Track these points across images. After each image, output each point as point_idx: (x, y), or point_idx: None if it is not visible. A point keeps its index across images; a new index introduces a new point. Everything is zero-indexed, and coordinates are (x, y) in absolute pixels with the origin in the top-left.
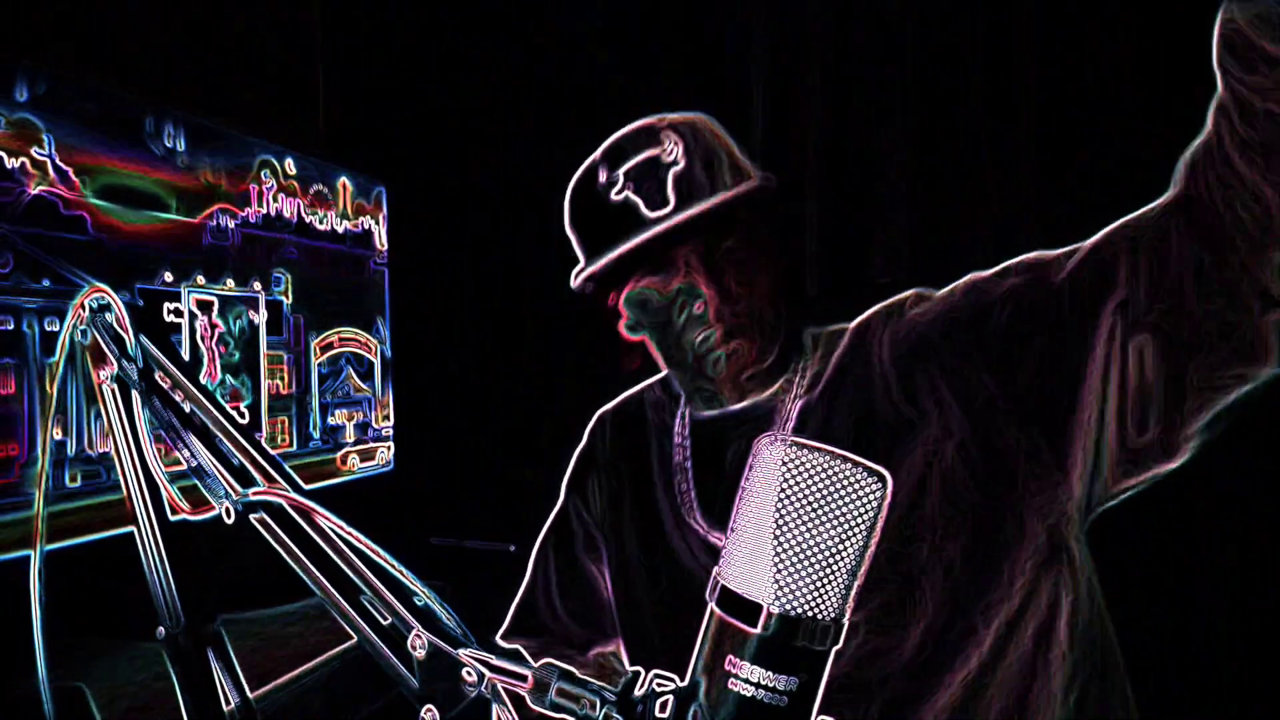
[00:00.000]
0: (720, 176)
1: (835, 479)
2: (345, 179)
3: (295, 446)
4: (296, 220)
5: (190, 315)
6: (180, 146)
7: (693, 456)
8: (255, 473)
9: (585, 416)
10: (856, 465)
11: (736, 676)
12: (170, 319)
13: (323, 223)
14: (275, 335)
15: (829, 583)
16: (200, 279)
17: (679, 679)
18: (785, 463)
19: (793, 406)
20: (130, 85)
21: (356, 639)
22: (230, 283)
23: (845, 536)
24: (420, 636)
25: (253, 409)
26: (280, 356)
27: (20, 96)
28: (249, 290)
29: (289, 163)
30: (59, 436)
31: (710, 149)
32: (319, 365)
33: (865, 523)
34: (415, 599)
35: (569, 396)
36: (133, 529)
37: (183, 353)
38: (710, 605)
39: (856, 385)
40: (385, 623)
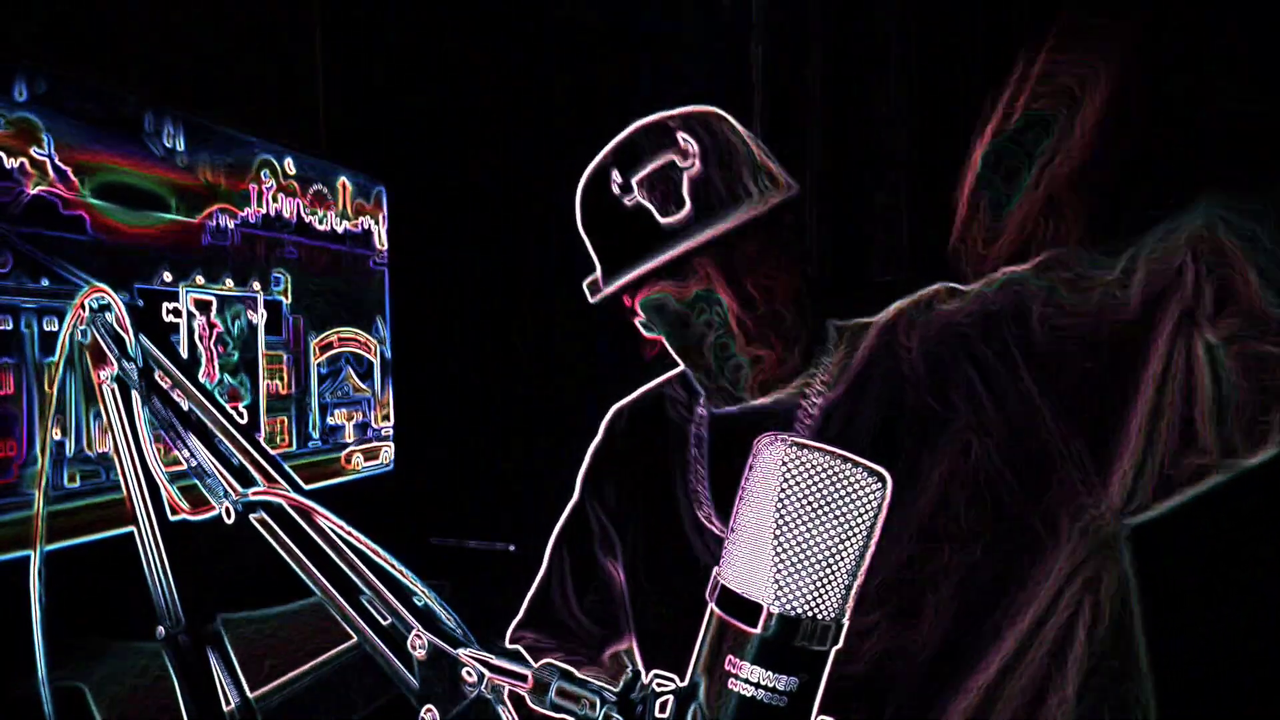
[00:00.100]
0: (738, 179)
1: (835, 479)
2: (345, 179)
3: (295, 447)
4: (296, 220)
5: (188, 315)
6: (180, 146)
7: (711, 455)
8: (255, 473)
9: (585, 416)
10: (856, 465)
11: (736, 677)
12: (168, 319)
13: (322, 222)
14: (274, 335)
15: (829, 583)
16: (199, 279)
17: (679, 679)
18: (785, 463)
19: (816, 403)
20: (130, 85)
21: (356, 639)
22: (229, 282)
23: (845, 536)
24: (420, 636)
25: (251, 409)
26: (279, 356)
27: (20, 96)
28: (247, 290)
29: (289, 162)
30: (58, 436)
31: (727, 150)
32: (318, 365)
33: (865, 523)
34: (415, 599)
35: (569, 396)
36: (132, 529)
37: (180, 353)
38: (710, 605)
39: (884, 381)
40: (385, 623)
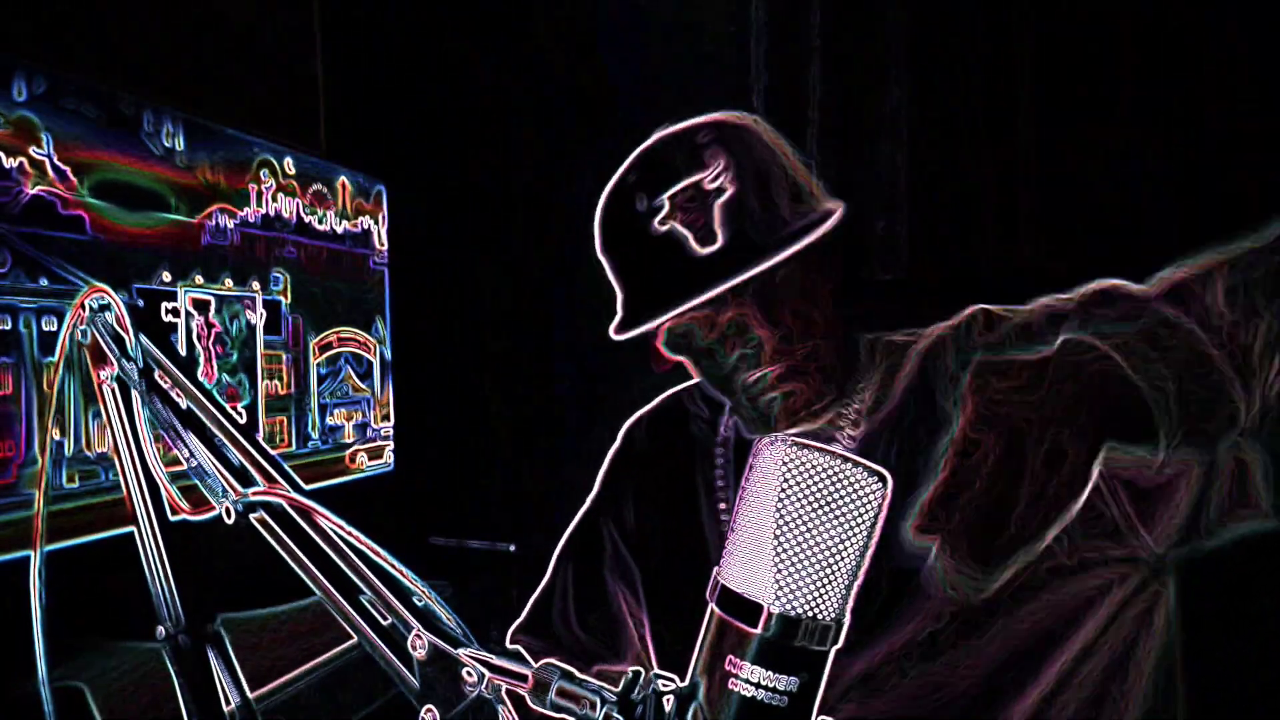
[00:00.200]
0: (777, 204)
1: (835, 479)
2: (345, 178)
3: (294, 447)
4: (296, 220)
5: (186, 315)
6: (179, 146)
7: (736, 477)
8: (255, 473)
9: (585, 416)
10: (857, 465)
11: (737, 677)
12: (166, 319)
13: (322, 222)
14: (274, 335)
15: (829, 583)
16: (199, 278)
17: (680, 679)
18: (785, 463)
19: (853, 434)
20: (129, 84)
21: (356, 639)
22: (229, 282)
23: (846, 536)
24: (420, 636)
25: (250, 409)
26: (279, 356)
27: (19, 95)
28: (246, 290)
29: (288, 162)
30: (57, 437)
31: (763, 168)
32: (318, 365)
33: (866, 522)
34: (415, 599)
35: (569, 396)
36: (132, 529)
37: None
38: (710, 605)
39: (927, 414)
40: (385, 623)
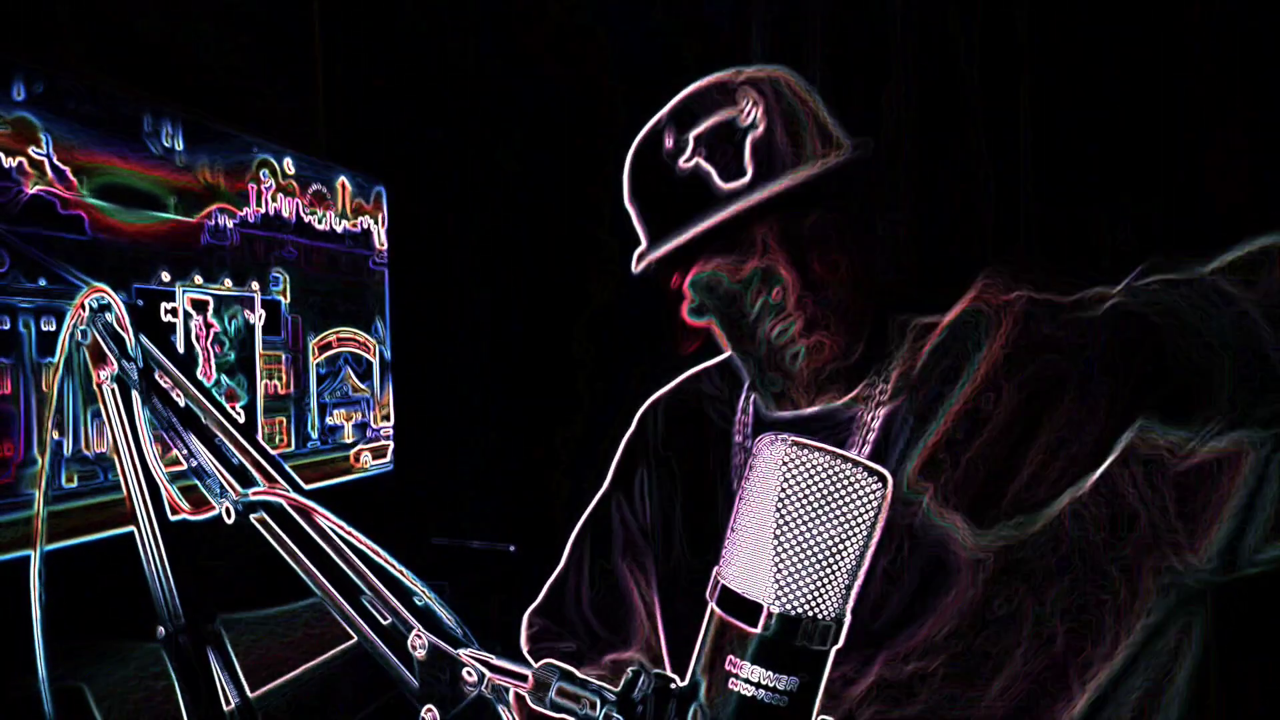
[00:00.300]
0: (806, 143)
1: (836, 478)
2: (345, 179)
3: (293, 447)
4: (295, 220)
5: (184, 315)
6: (179, 146)
7: None
8: (255, 473)
9: (586, 415)
10: (857, 465)
11: (737, 676)
12: (165, 319)
13: (322, 222)
14: (273, 335)
15: (829, 582)
16: (198, 279)
17: (680, 679)
18: (785, 462)
19: (878, 412)
20: (129, 84)
21: (356, 639)
22: (228, 282)
23: (846, 536)
24: (420, 636)
25: (248, 409)
26: (278, 356)
27: (18, 95)
28: (245, 290)
29: (288, 162)
30: (56, 437)
31: (794, 110)
32: (317, 365)
33: (866, 522)
34: (415, 599)
35: (570, 396)
36: (132, 529)
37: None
38: (710, 605)
39: (959, 393)
40: (385, 623)
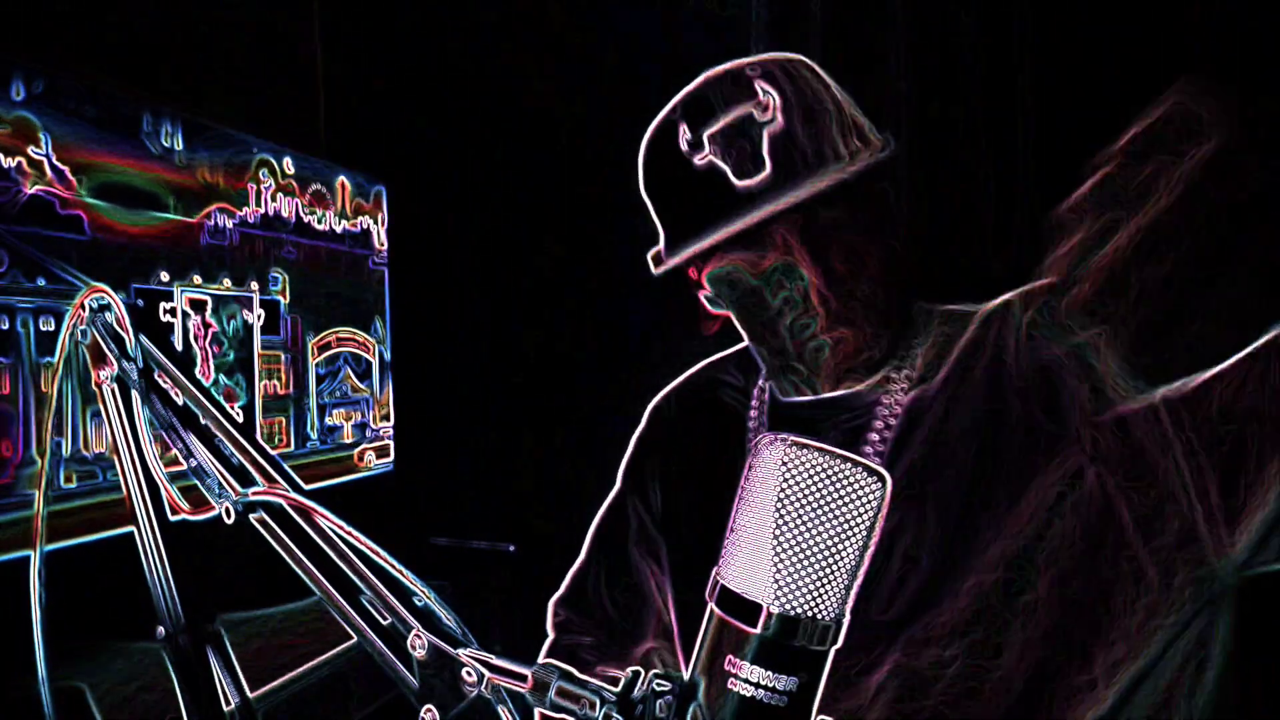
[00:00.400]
0: (826, 137)
1: (835, 479)
2: (344, 178)
3: (293, 447)
4: (295, 220)
5: (183, 315)
6: (178, 145)
7: None
8: (255, 473)
9: (586, 415)
10: (856, 465)
11: (736, 676)
12: (163, 318)
13: (321, 222)
14: (273, 335)
15: (829, 582)
16: (197, 278)
17: (681, 677)
18: (785, 463)
19: (901, 400)
20: (128, 84)
21: (356, 639)
22: (227, 282)
23: (845, 536)
24: (420, 636)
25: (247, 409)
26: (277, 356)
27: (17, 95)
28: (244, 290)
29: (287, 162)
30: (56, 437)
31: (813, 103)
32: (316, 365)
33: (865, 522)
34: (415, 599)
35: (570, 396)
36: (132, 529)
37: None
38: (710, 605)
39: (985, 383)
40: (385, 623)
